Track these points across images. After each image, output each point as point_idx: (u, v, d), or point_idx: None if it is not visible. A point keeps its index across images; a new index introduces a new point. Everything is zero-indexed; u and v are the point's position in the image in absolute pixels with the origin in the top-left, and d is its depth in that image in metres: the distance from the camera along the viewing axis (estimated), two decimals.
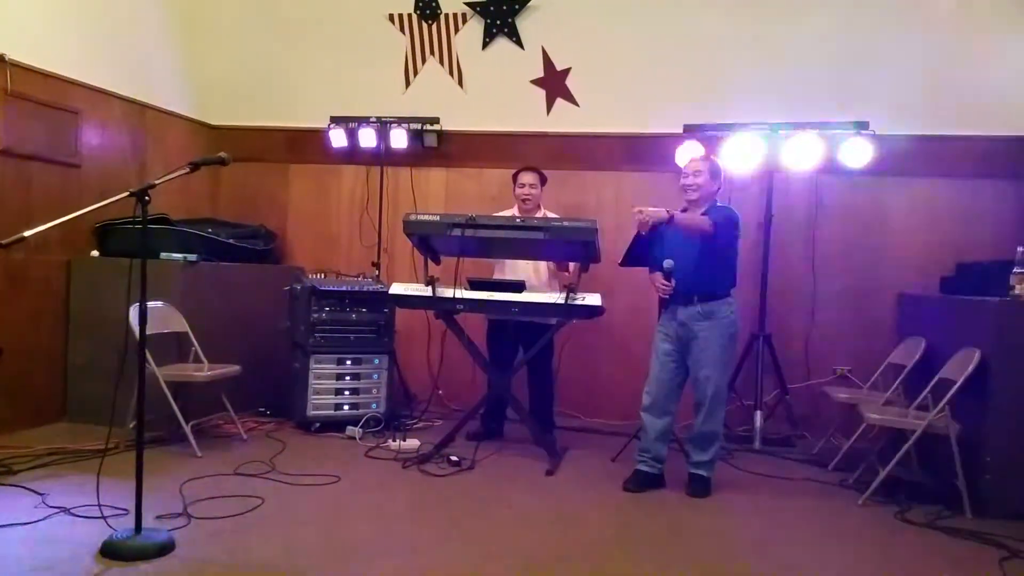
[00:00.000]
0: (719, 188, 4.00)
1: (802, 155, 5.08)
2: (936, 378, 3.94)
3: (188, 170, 2.98)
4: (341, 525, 3.25)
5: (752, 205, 5.33)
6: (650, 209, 3.68)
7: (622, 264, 4.48)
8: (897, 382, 4.39)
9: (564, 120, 5.69)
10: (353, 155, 5.95)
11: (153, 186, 2.85)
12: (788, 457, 4.72)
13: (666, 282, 3.86)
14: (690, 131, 5.24)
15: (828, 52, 5.28)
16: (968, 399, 3.69)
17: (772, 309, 5.27)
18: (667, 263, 3.86)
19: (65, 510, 3.22)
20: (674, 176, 5.18)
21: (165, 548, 2.84)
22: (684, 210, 3.91)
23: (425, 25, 5.83)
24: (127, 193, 2.80)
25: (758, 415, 5.05)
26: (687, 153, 5.09)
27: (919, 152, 5.21)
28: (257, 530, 3.13)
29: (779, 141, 5.09)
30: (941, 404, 3.70)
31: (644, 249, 4.15)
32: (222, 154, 3.09)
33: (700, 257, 3.81)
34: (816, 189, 5.37)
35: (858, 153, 5.02)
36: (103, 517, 3.00)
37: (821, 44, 5.29)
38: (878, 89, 5.22)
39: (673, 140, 5.29)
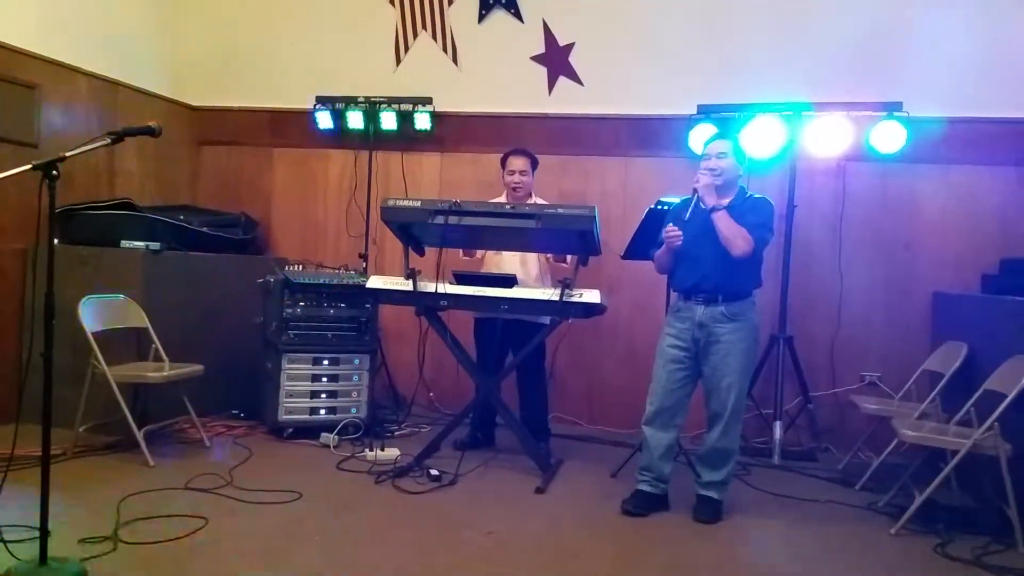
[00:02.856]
0: (743, 171, 3.51)
1: (828, 139, 4.67)
2: (981, 390, 3.47)
3: (109, 141, 2.57)
4: (288, 553, 2.82)
5: (772, 194, 4.72)
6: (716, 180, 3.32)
7: (624, 256, 4.05)
8: (934, 393, 3.90)
9: (567, 100, 5.23)
10: (340, 138, 5.55)
11: (63, 159, 2.44)
12: (810, 474, 4.25)
13: (675, 229, 3.37)
14: (705, 112, 4.81)
15: (857, 25, 4.78)
16: (1020, 415, 3.19)
17: (794, 308, 4.79)
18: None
19: None
20: (686, 162, 4.77)
21: None
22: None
23: None
24: (30, 166, 2.39)
25: (777, 426, 4.57)
26: (701, 136, 4.66)
27: (958, 136, 4.69)
28: (190, 559, 2.71)
29: (802, 124, 4.67)
30: (990, 420, 3.20)
31: (651, 238, 3.69)
32: (151, 123, 2.68)
33: (727, 251, 3.30)
34: (843, 177, 4.87)
35: (890, 137, 4.59)
36: (3, 541, 2.59)
37: (849, 16, 4.79)
38: (913, 66, 4.72)
39: (686, 122, 4.84)
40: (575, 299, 3.74)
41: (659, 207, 3.78)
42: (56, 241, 4.49)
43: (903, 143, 4.57)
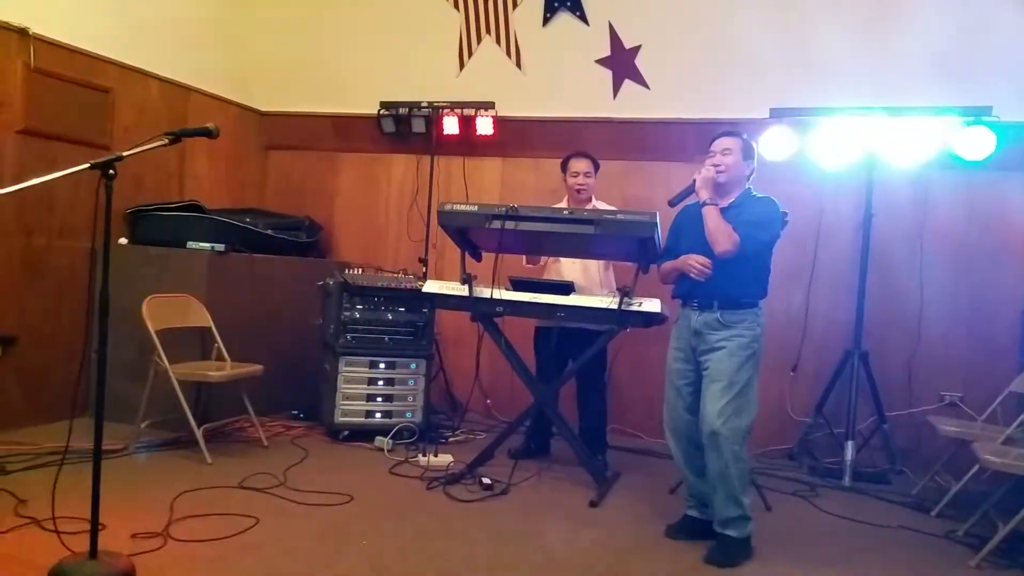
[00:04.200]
0: (752, 172, 3.29)
1: (909, 145, 4.40)
2: None
3: (166, 141, 2.59)
4: (334, 556, 2.79)
5: (848, 203, 4.67)
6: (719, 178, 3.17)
7: None
8: (1023, 416, 3.63)
9: (632, 104, 5.11)
10: (404, 143, 5.56)
11: (120, 158, 2.47)
12: (883, 497, 4.02)
13: (705, 264, 3.14)
14: (777, 116, 4.60)
15: (942, 24, 4.52)
16: None
17: (870, 322, 4.55)
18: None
19: (36, 521, 2.89)
20: (756, 167, 4.58)
21: None
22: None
23: (480, 0, 5.36)
24: (87, 164, 2.42)
25: (850, 445, 4.33)
26: (773, 141, 4.51)
27: None
28: (236, 558, 2.71)
29: (882, 128, 4.40)
30: None
31: None
32: (209, 125, 2.69)
33: (724, 255, 3.09)
34: (925, 185, 4.62)
35: (978, 143, 4.29)
36: (57, 532, 2.62)
37: (933, 15, 4.54)
38: (1003, 67, 4.43)
39: (757, 126, 4.63)
40: (634, 308, 3.62)
41: None
42: (125, 240, 4.68)
43: (992, 150, 4.29)
